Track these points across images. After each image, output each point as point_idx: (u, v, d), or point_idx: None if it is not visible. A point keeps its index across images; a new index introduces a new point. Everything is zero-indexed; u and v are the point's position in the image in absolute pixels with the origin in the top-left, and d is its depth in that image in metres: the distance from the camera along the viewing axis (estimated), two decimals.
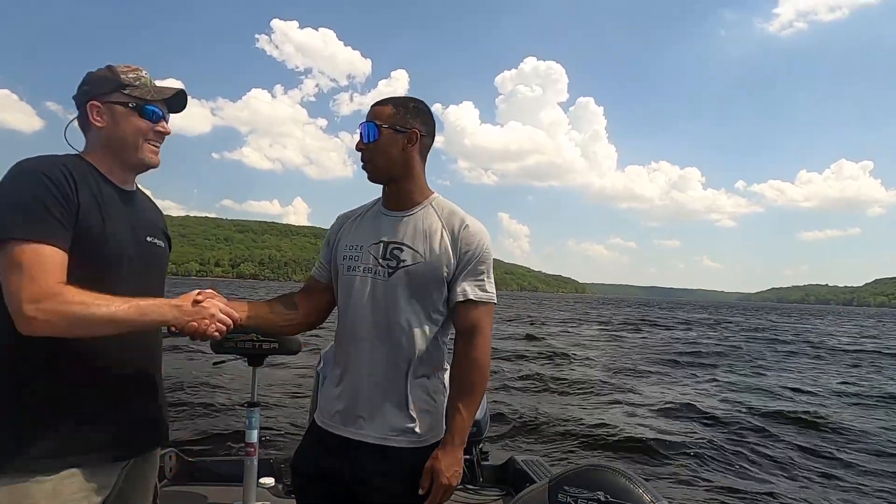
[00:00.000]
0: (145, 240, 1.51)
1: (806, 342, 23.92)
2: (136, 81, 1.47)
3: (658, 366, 14.04)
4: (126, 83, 1.46)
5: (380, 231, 1.61)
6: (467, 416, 1.53)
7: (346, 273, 1.61)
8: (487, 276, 1.60)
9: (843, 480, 5.84)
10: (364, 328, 1.56)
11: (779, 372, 13.80)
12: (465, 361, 1.55)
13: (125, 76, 1.46)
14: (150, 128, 1.48)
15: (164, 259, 1.60)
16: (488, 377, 1.61)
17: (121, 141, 1.46)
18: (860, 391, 11.25)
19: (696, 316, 52.61)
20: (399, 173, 1.60)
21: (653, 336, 24.11)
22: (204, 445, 5.57)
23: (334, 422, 1.59)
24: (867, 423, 8.41)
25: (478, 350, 1.55)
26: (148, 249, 1.51)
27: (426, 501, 1.50)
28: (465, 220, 1.61)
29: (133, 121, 1.46)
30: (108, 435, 1.38)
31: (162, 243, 1.58)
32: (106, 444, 1.38)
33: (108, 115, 1.45)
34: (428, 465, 1.51)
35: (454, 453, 1.51)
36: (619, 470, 1.60)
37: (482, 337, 1.57)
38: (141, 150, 1.48)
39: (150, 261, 1.52)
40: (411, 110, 1.60)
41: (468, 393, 1.54)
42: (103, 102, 1.44)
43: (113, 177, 1.47)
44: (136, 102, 1.46)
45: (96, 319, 1.25)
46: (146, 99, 1.47)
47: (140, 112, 1.46)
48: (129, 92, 1.45)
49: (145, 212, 1.56)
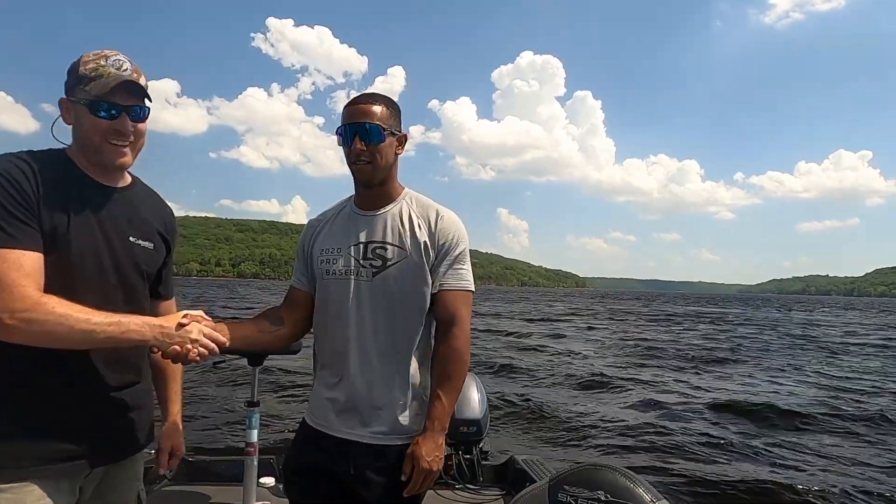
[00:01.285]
0: (127, 240, 1.42)
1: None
2: (93, 73, 1.33)
3: (658, 361, 14.03)
4: (83, 76, 1.33)
5: (357, 231, 1.61)
6: (448, 403, 1.55)
7: (325, 277, 1.61)
8: (465, 264, 1.61)
9: (844, 472, 5.84)
10: (350, 329, 1.56)
11: (787, 366, 13.76)
12: (445, 350, 1.57)
13: (84, 68, 1.34)
14: (109, 126, 1.35)
15: (151, 261, 1.50)
16: (468, 364, 1.63)
17: (84, 140, 1.37)
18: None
19: (703, 310, 52.59)
20: (387, 175, 1.60)
21: (654, 332, 24.10)
22: (204, 445, 5.57)
23: (328, 422, 1.59)
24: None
25: (458, 339, 1.57)
26: (130, 251, 1.42)
27: (408, 486, 1.51)
28: (440, 210, 1.62)
29: (88, 119, 1.34)
30: (75, 444, 1.32)
31: (148, 244, 1.47)
32: (71, 453, 1.31)
33: (72, 113, 1.37)
34: (409, 451, 1.52)
35: (435, 439, 1.52)
36: (620, 469, 1.59)
37: (461, 325, 1.58)
38: (102, 151, 1.37)
39: (130, 263, 1.42)
40: (397, 112, 1.60)
41: (448, 381, 1.56)
42: (69, 99, 1.36)
43: (94, 173, 1.39)
44: (87, 99, 1.33)
45: (75, 334, 1.21)
46: (97, 95, 1.33)
47: (93, 110, 1.34)
48: (84, 87, 1.33)
49: (136, 210, 1.46)
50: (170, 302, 1.65)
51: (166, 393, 1.68)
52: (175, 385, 1.69)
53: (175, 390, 1.70)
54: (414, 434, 1.55)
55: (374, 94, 1.59)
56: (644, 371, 12.25)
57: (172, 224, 1.59)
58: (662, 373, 11.96)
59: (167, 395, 1.69)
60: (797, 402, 9.05)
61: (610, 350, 16.26)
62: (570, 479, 1.57)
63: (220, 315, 3.01)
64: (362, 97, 1.59)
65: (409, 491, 1.52)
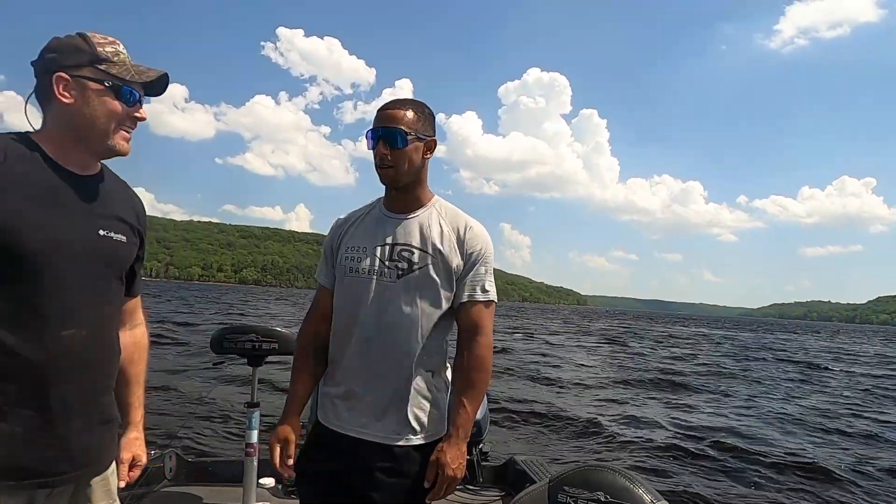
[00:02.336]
0: (97, 233, 1.29)
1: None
2: (113, 57, 1.27)
3: (659, 374, 13.97)
4: (102, 57, 1.25)
5: (385, 233, 1.62)
6: (471, 411, 1.56)
7: (349, 275, 1.61)
8: (489, 275, 1.64)
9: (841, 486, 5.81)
10: (370, 329, 1.57)
11: (788, 388, 13.71)
12: (468, 358, 1.58)
13: (102, 49, 1.26)
14: (126, 112, 1.28)
15: (124, 254, 1.37)
16: (491, 373, 1.64)
17: (89, 123, 1.26)
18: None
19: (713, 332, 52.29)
20: (414, 179, 1.61)
21: (653, 349, 24.00)
22: (204, 446, 5.56)
23: (340, 421, 1.59)
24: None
25: (481, 347, 1.59)
26: (101, 244, 1.30)
27: (432, 492, 1.53)
28: (469, 221, 1.64)
29: (107, 102, 1.26)
30: (35, 460, 1.19)
31: (121, 237, 1.35)
32: (29, 471, 1.19)
33: (78, 91, 1.24)
34: (433, 458, 1.53)
35: (459, 447, 1.54)
36: (620, 470, 1.60)
37: (485, 335, 1.60)
38: (111, 136, 1.28)
39: (100, 257, 1.30)
40: (428, 116, 1.61)
41: (472, 389, 1.57)
42: (73, 76, 1.23)
43: (68, 160, 1.27)
44: (112, 81, 1.26)
45: None
46: (125, 79, 1.27)
47: (117, 93, 1.26)
48: (106, 68, 1.25)
49: (107, 200, 1.34)
50: (136, 300, 1.52)
51: (129, 398, 1.51)
52: (138, 390, 1.54)
53: (138, 395, 1.54)
54: (422, 435, 1.56)
55: (404, 100, 1.61)
56: (645, 382, 12.21)
57: (144, 216, 1.47)
58: (663, 384, 11.91)
59: (129, 400, 1.51)
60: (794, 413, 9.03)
61: (609, 356, 16.22)
62: (569, 480, 1.57)
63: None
64: (392, 102, 1.60)
65: (433, 497, 1.54)
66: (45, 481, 1.22)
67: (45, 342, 1.19)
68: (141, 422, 1.55)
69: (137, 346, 1.53)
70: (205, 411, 7.05)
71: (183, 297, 50.73)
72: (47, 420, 1.20)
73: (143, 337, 1.55)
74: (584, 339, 25.68)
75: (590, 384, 10.67)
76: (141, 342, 1.54)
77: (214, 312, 29.90)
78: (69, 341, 1.22)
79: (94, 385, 1.30)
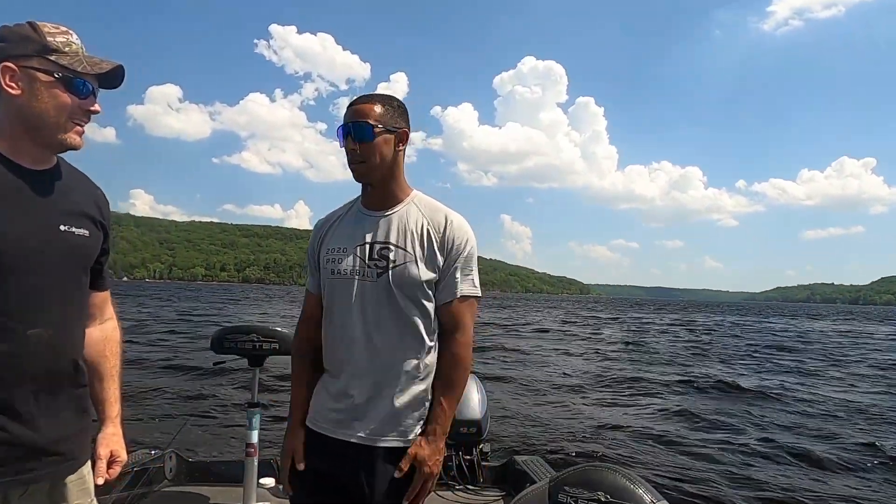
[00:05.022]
0: (58, 229, 1.25)
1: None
2: (65, 47, 1.22)
3: (659, 367, 13.98)
4: (52, 47, 1.20)
5: (363, 232, 1.60)
6: (449, 408, 1.57)
7: (331, 276, 1.60)
8: (472, 271, 1.61)
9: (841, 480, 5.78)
10: (354, 330, 1.55)
11: (796, 374, 13.68)
12: (447, 356, 1.58)
13: (52, 39, 1.21)
14: (78, 104, 1.24)
15: (87, 250, 1.33)
16: (470, 370, 1.64)
17: (39, 116, 1.21)
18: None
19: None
20: (388, 173, 1.59)
21: (660, 338, 24.04)
22: (204, 446, 5.58)
23: (328, 424, 1.58)
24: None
25: (459, 346, 1.58)
26: (62, 240, 1.26)
27: (409, 488, 1.52)
28: (449, 215, 1.61)
29: (57, 94, 1.21)
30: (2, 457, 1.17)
31: (84, 231, 1.30)
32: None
33: (26, 82, 1.19)
34: (411, 451, 1.53)
35: (436, 444, 1.55)
36: (620, 470, 1.59)
37: (464, 333, 1.59)
38: (62, 130, 1.23)
39: (63, 253, 1.26)
40: (398, 109, 1.59)
41: (450, 387, 1.57)
42: (21, 66, 1.19)
43: (19, 155, 1.23)
44: (63, 73, 1.21)
45: None
46: (76, 70, 1.22)
47: (67, 85, 1.21)
48: (56, 59, 1.20)
49: (66, 195, 1.29)
50: (104, 294, 1.49)
51: (103, 394, 1.47)
52: (113, 385, 1.49)
53: (113, 390, 1.49)
54: (411, 436, 1.55)
55: (371, 95, 1.59)
56: (644, 374, 12.22)
57: (107, 207, 1.42)
58: (663, 378, 11.90)
59: (104, 395, 1.47)
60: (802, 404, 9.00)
61: (609, 353, 16.23)
62: (570, 480, 1.56)
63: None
64: (360, 98, 1.59)
65: (410, 494, 1.52)
66: (16, 479, 1.20)
67: (11, 342, 1.17)
68: (118, 417, 1.51)
69: (108, 340, 1.49)
70: (205, 411, 7.06)
71: (185, 297, 50.91)
72: (13, 418, 1.18)
73: (113, 331, 1.52)
74: (589, 333, 25.67)
75: (591, 383, 10.67)
76: (112, 336, 1.51)
77: (214, 314, 29.97)
78: (35, 340, 1.20)
79: (62, 383, 1.28)
